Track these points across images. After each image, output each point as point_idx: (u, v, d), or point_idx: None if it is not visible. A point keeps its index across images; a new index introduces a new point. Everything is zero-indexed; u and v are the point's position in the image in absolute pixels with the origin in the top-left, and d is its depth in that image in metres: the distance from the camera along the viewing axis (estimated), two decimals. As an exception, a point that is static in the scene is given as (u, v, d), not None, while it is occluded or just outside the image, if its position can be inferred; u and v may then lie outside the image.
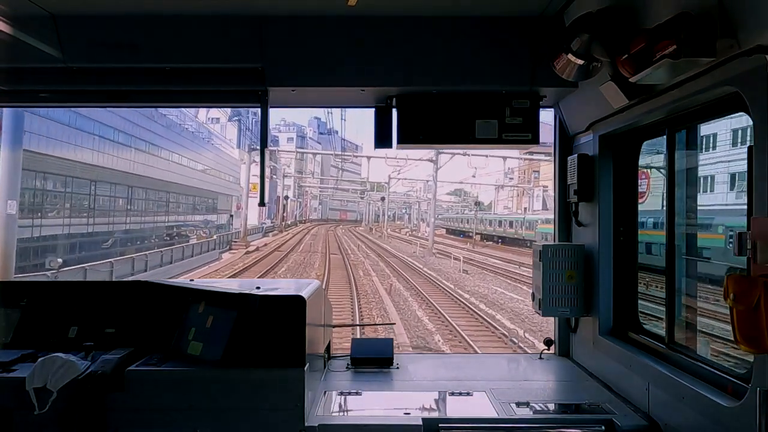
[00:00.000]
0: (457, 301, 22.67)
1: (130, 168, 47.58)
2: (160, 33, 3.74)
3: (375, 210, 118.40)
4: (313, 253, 47.67)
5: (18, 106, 4.20)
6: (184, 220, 63.34)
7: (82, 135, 39.49)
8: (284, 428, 3.10)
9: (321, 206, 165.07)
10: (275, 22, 3.72)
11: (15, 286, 4.01)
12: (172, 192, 59.38)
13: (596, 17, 2.96)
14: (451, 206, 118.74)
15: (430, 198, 55.92)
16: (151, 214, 54.30)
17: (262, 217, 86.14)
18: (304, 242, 62.94)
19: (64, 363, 3.10)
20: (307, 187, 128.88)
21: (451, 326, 17.97)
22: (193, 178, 65.14)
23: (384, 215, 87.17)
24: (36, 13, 3.59)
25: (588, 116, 3.98)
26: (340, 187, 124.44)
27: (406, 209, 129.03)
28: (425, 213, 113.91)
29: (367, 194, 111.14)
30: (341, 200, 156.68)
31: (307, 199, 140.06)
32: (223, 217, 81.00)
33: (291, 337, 3.23)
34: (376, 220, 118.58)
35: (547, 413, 3.38)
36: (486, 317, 19.43)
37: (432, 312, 20.59)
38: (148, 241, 49.18)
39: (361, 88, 3.93)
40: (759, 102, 2.28)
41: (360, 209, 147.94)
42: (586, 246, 4.13)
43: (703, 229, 16.57)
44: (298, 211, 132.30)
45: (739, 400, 2.46)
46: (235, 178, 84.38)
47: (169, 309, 3.67)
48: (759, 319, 2.14)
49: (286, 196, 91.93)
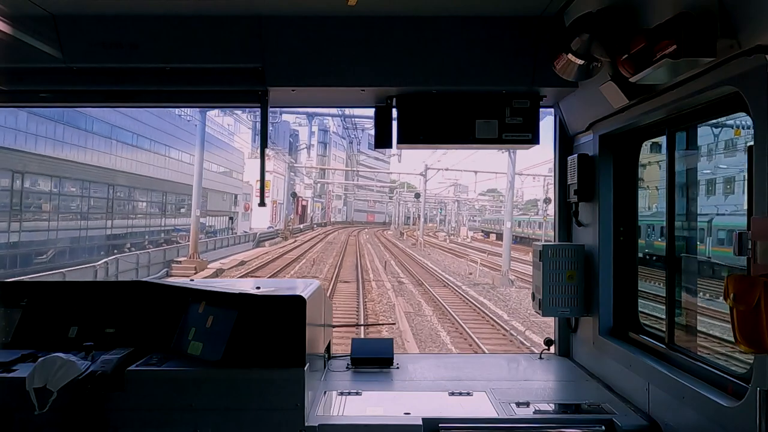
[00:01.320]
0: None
1: (107, 162, 40.20)
2: (160, 33, 3.73)
3: (405, 211, 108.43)
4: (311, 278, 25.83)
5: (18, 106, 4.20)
6: (159, 225, 50.83)
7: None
8: (284, 428, 3.10)
9: (345, 207, 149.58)
10: (275, 22, 3.72)
11: (15, 286, 4.01)
12: (138, 188, 47.61)
13: (596, 17, 2.96)
14: (484, 207, 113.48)
15: (464, 197, 49.19)
16: (116, 215, 42.94)
17: (274, 219, 75.45)
18: (306, 257, 42.27)
19: (64, 363, 3.10)
20: (329, 182, 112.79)
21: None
22: (165, 168, 52.41)
23: (420, 217, 70.39)
24: (36, 13, 3.58)
25: (588, 116, 3.98)
26: (367, 186, 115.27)
27: (441, 209, 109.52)
28: (458, 214, 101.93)
29: (396, 192, 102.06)
30: (368, 200, 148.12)
31: (330, 199, 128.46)
32: (215, 220, 66.17)
33: (291, 337, 3.23)
34: (405, 222, 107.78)
35: (547, 413, 3.37)
36: None
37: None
38: (99, 253, 36.50)
39: (361, 88, 3.93)
40: (759, 102, 2.28)
41: (388, 210, 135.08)
42: (586, 246, 4.13)
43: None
44: (320, 212, 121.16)
45: (739, 400, 2.46)
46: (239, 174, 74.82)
47: (169, 309, 3.67)
48: (759, 319, 2.14)
49: (293, 192, 72.70)
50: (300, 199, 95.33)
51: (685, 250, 3.65)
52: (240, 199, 76.40)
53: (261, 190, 4.55)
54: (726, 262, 13.65)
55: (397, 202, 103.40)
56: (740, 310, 2.21)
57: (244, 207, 78.18)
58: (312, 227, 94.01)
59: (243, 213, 78.60)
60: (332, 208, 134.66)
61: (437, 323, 19.04)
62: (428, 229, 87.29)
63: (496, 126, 3.98)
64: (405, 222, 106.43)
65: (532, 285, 4.55)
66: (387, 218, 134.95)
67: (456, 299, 23.48)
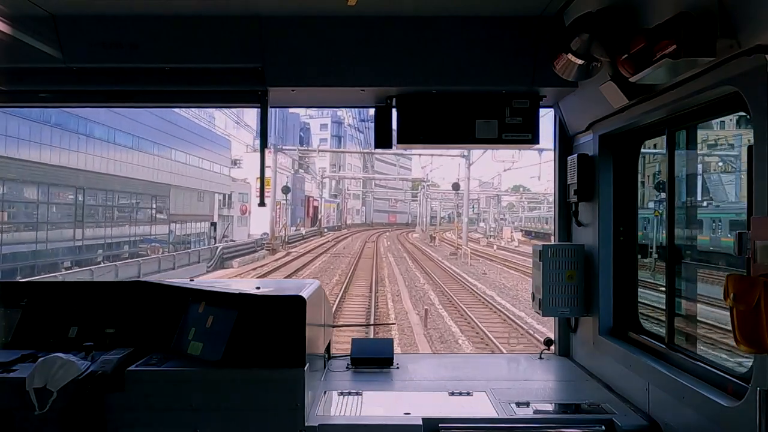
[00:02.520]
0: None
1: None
2: (160, 33, 3.73)
3: (429, 210, 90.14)
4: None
5: (18, 106, 4.21)
6: (127, 235, 41.45)
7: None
8: (284, 428, 3.10)
9: (364, 208, 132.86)
10: (275, 22, 3.72)
11: (15, 286, 4.01)
12: (96, 189, 39.15)
13: (596, 17, 2.96)
14: (511, 203, 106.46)
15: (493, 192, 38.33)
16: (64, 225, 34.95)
17: (278, 222, 56.84)
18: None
19: (64, 363, 3.10)
20: (344, 177, 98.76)
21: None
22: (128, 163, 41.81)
23: (463, 216, 54.29)
24: (36, 13, 3.58)
25: (588, 116, 3.98)
26: (388, 185, 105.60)
27: (473, 206, 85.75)
28: (484, 212, 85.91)
29: (423, 187, 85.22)
30: (388, 199, 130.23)
31: (345, 198, 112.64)
32: (192, 227, 53.12)
33: (291, 337, 3.23)
34: (432, 223, 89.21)
35: (547, 413, 3.37)
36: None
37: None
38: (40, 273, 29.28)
39: (361, 88, 3.93)
40: (759, 102, 2.28)
41: (411, 209, 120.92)
42: (586, 246, 4.13)
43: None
44: (336, 213, 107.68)
45: (739, 400, 2.46)
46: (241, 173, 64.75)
47: (169, 309, 3.67)
48: (759, 319, 2.14)
49: (285, 187, 57.25)
50: (311, 200, 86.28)
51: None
52: (236, 199, 65.71)
53: (261, 189, 4.54)
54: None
55: (424, 197, 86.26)
56: (740, 310, 2.21)
57: (240, 210, 67.75)
58: (321, 232, 75.90)
59: (240, 217, 67.61)
60: (349, 209, 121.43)
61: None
62: (457, 229, 63.60)
63: (495, 126, 3.98)
64: (430, 222, 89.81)
65: (532, 285, 4.55)
66: (410, 218, 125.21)
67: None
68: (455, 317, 19.90)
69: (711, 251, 15.18)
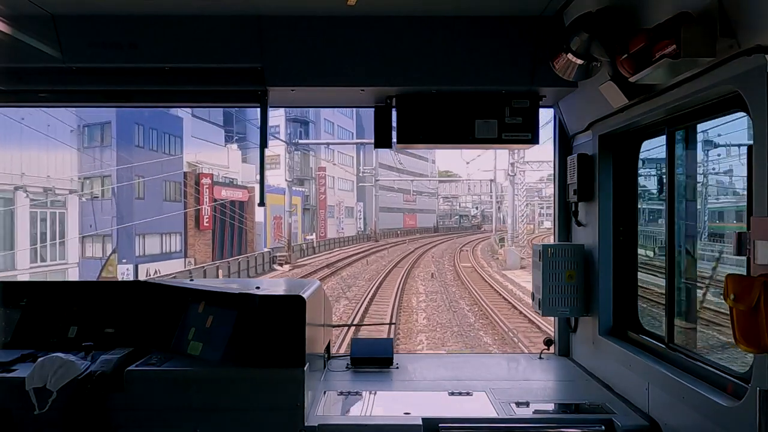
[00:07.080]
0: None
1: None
2: (160, 33, 3.73)
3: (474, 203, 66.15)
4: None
5: (18, 106, 4.21)
6: None
7: None
8: (284, 428, 3.10)
9: (363, 206, 77.79)
10: (275, 22, 3.72)
11: (15, 286, 4.01)
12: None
13: (596, 17, 2.96)
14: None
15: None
16: None
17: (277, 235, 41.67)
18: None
19: (64, 363, 3.10)
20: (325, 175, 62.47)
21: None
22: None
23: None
24: (36, 13, 3.58)
25: (587, 116, 3.98)
26: (405, 170, 75.78)
27: (526, 203, 52.50)
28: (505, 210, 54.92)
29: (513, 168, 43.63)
30: (400, 193, 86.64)
31: (322, 192, 62.90)
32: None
33: (291, 337, 3.23)
34: (457, 223, 67.05)
35: (547, 413, 3.37)
36: None
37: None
38: None
39: (361, 88, 3.93)
40: (759, 102, 2.28)
41: (441, 207, 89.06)
42: (586, 246, 4.14)
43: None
44: (309, 223, 58.60)
45: (739, 400, 2.46)
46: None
47: (169, 309, 3.67)
48: (759, 319, 2.14)
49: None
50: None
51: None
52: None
53: (261, 189, 4.56)
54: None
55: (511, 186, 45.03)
56: (740, 309, 2.21)
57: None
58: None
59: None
60: (331, 207, 66.47)
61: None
62: (485, 232, 50.46)
63: (495, 126, 3.98)
64: (457, 222, 67.13)
65: (531, 285, 4.55)
66: (438, 220, 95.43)
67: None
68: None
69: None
